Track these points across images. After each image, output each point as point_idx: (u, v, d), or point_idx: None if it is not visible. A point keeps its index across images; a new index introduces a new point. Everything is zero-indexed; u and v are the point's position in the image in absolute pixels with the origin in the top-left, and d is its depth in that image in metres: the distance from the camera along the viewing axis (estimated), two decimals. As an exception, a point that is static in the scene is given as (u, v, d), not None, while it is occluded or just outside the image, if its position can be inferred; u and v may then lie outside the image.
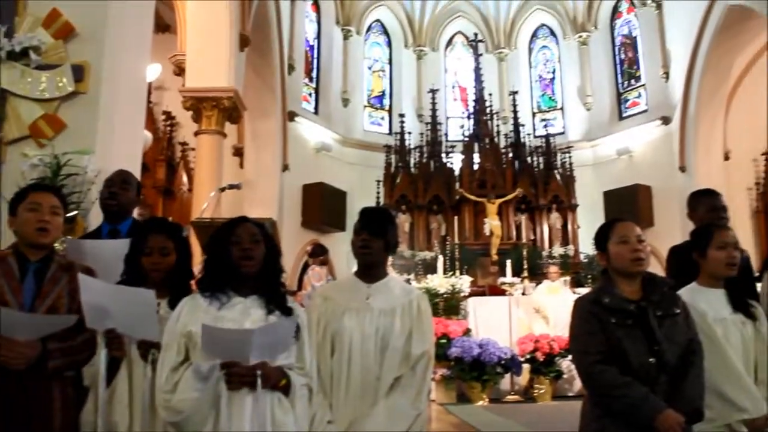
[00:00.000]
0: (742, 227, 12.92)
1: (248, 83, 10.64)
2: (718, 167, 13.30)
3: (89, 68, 5.19)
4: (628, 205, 13.80)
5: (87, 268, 2.85)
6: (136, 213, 4.36)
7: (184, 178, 12.00)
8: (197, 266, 2.79)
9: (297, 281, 11.97)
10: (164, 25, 11.63)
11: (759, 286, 3.34)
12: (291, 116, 13.42)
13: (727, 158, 13.63)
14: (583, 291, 8.00)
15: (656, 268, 6.85)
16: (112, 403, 2.60)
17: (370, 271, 2.88)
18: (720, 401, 2.81)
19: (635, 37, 15.81)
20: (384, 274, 2.93)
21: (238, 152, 12.48)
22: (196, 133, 9.57)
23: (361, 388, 2.68)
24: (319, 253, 9.21)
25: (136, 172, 5.18)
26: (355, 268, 2.96)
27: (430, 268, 11.45)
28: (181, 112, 10.44)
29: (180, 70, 9.71)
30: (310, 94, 14.95)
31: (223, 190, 6.00)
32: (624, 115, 15.75)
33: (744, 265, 3.19)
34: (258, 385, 2.36)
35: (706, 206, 3.84)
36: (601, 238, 2.82)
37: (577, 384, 8.34)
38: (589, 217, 13.17)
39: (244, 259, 2.53)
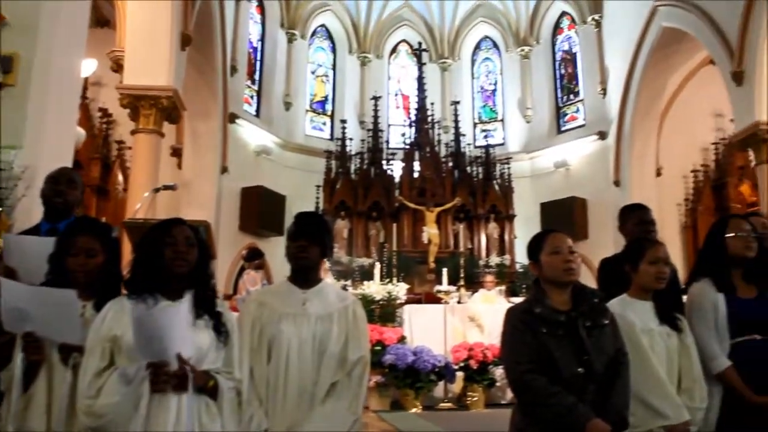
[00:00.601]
0: (671, 241, 13.30)
1: (189, 83, 10.45)
2: (650, 183, 13.67)
3: (19, 60, 5.02)
4: (564, 216, 14.08)
5: (8, 268, 2.74)
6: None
7: (120, 178, 11.70)
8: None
9: (233, 285, 11.81)
10: (103, 20, 11.36)
11: (685, 298, 3.43)
12: (232, 118, 13.24)
13: (659, 174, 14.02)
14: (518, 300, 8.11)
15: (589, 278, 7.00)
16: (30, 408, 2.49)
17: (306, 276, 2.88)
18: (643, 408, 2.90)
19: (575, 53, 16.18)
20: (318, 279, 2.93)
21: (177, 153, 12.25)
22: (133, 132, 9.32)
23: (298, 394, 2.67)
24: (254, 257, 9.07)
25: (68, 170, 5.01)
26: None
27: (367, 274, 11.44)
28: (118, 110, 10.17)
29: (118, 67, 9.47)
30: (252, 97, 14.79)
31: (157, 190, 5.87)
32: (562, 128, 16.09)
33: (672, 278, 3.29)
34: (189, 386, 2.32)
35: (635, 220, 3.94)
36: (534, 248, 2.87)
37: (510, 392, 8.43)
38: (525, 228, 13.39)
39: (177, 260, 2.49)
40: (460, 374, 8.81)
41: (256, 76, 15.10)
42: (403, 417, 7.89)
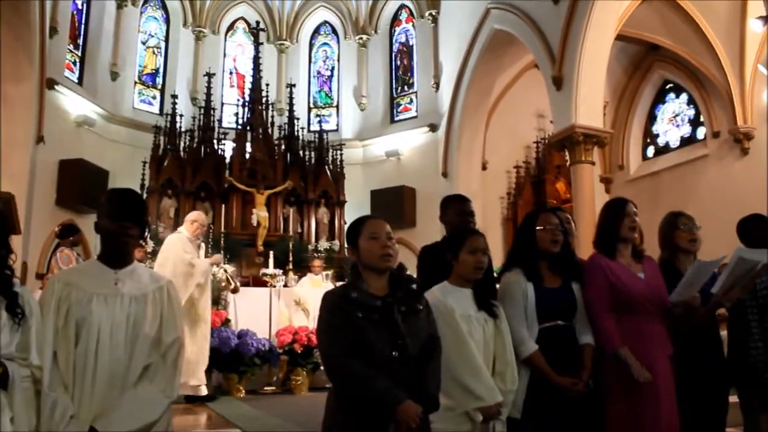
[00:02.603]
0: (493, 232, 14.03)
1: (-1, 41, 9.57)
2: (476, 176, 14.29)
3: None
4: (393, 204, 14.41)
5: None
6: None
7: None
8: None
9: (47, 263, 11.06)
10: None
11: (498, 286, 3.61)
12: (50, 84, 12.24)
13: (484, 168, 14.68)
14: (344, 286, 8.16)
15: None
16: None
17: (122, 257, 2.74)
18: (460, 391, 3.01)
19: (412, 46, 16.56)
20: (131, 260, 2.78)
21: (-18, 117, 11.20)
22: (-71, 91, 8.38)
23: (109, 377, 2.53)
24: (68, 234, 8.52)
25: None
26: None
27: (193, 255, 11.06)
28: None
29: None
30: (74, 63, 13.79)
31: (-46, 156, 5.33)
32: (395, 118, 16.44)
33: (488, 267, 3.44)
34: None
35: (455, 210, 4.10)
36: (353, 233, 2.89)
37: (333, 376, 8.50)
38: (356, 214, 13.26)
39: None
40: (284, 358, 8.79)
41: (80, 41, 14.09)
42: (226, 402, 7.75)
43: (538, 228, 3.44)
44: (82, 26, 14.19)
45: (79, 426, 2.43)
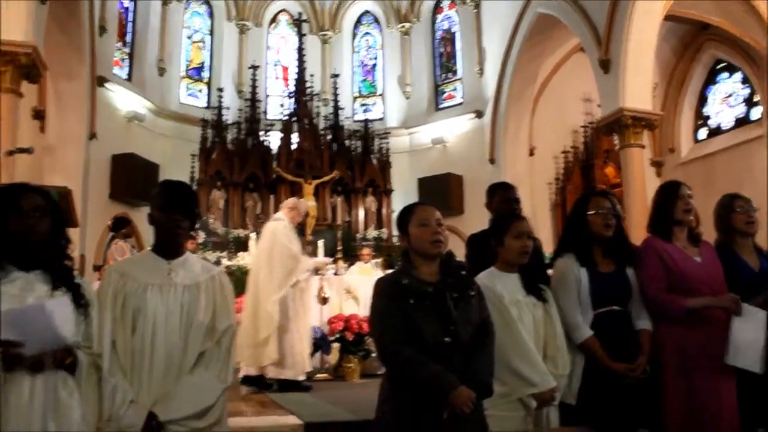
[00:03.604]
0: (542, 218, 13.88)
1: (51, 40, 9.74)
2: (523, 161, 14.15)
3: None
4: (440, 192, 14.36)
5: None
6: None
7: (-27, 139, 10.84)
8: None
9: (103, 255, 11.33)
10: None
11: (551, 272, 3.57)
12: (101, 81, 12.53)
13: (532, 154, 14.53)
14: (393, 274, 8.10)
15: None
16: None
17: (174, 248, 2.80)
18: (514, 378, 3.01)
19: (454, 33, 16.43)
20: (183, 251, 2.84)
21: (39, 115, 11.46)
22: (-12, 91, 8.59)
23: (165, 364, 2.60)
24: (120, 226, 8.70)
25: None
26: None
27: (242, 245, 11.23)
28: (-31, 66, 9.35)
29: (-32, 18, 8.67)
30: (123, 60, 14.06)
31: (11, 153, 5.49)
32: (440, 106, 16.35)
33: (536, 251, 3.41)
34: (48, 364, 2.22)
35: (500, 197, 4.11)
36: (403, 220, 2.91)
37: (384, 363, 8.50)
38: (403, 202, 13.27)
39: (25, 232, 2.33)
40: (336, 345, 8.84)
41: (128, 38, 14.34)
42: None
43: (589, 212, 3.39)
44: (130, 24, 14.45)
45: (138, 411, 2.49)
